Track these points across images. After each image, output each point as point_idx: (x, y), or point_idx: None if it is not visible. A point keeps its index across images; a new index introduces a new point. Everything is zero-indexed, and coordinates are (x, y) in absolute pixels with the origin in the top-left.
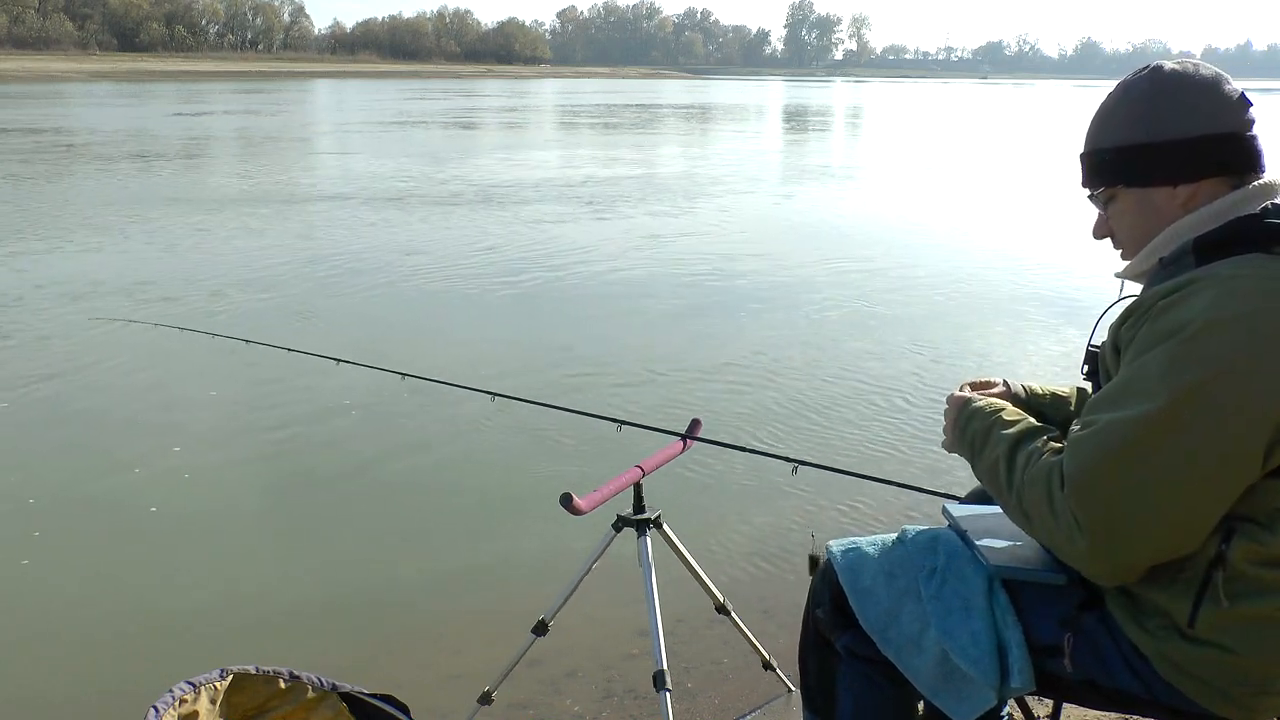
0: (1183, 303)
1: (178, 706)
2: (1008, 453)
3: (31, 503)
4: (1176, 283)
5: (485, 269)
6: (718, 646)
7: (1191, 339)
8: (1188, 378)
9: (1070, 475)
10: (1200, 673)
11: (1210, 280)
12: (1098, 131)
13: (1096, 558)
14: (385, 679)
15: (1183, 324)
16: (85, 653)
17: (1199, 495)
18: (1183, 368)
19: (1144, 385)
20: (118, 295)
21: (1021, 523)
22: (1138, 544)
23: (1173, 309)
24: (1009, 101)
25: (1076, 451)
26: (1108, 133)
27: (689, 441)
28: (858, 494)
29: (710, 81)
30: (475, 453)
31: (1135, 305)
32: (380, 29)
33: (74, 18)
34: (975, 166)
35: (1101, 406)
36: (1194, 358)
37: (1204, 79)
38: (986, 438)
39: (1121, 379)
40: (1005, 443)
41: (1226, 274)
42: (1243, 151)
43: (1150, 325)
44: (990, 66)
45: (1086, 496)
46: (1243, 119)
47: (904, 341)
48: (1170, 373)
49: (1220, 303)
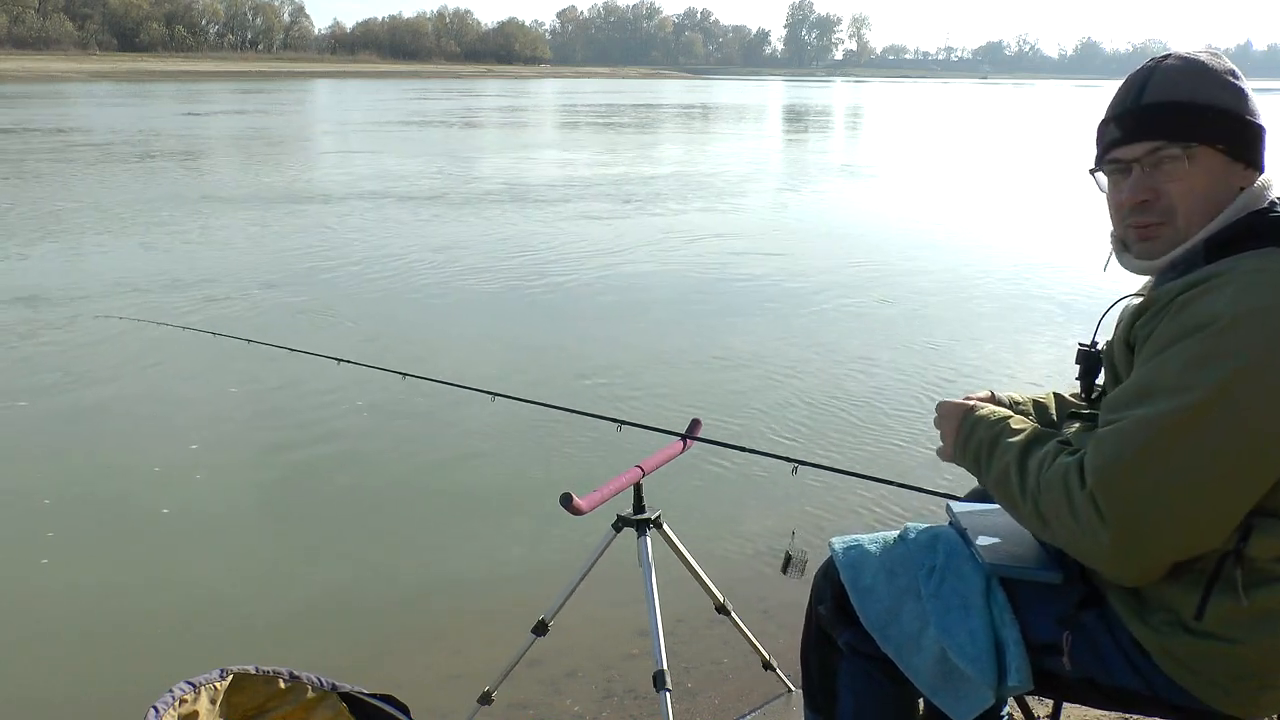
0: (1206, 296)
1: (178, 706)
2: (1018, 459)
3: (31, 503)
4: (1198, 275)
5: (486, 269)
6: (718, 646)
7: (1219, 334)
8: (1216, 374)
9: (1094, 471)
10: (1203, 667)
11: (1234, 274)
12: (1182, 85)
13: (1120, 556)
14: (385, 679)
15: (1209, 319)
16: (85, 653)
17: (1225, 492)
18: (1210, 363)
19: (1170, 381)
20: (118, 294)
21: (1037, 528)
22: (1162, 542)
23: (1195, 303)
24: (1009, 101)
25: (1100, 448)
26: (1203, 90)
27: (689, 441)
28: (858, 494)
29: (710, 81)
30: (476, 453)
31: (1150, 301)
32: (380, 29)
33: (74, 18)
34: (977, 166)
35: (1125, 403)
36: (1221, 353)
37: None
38: (994, 446)
39: (1144, 375)
40: (1014, 449)
41: (1251, 267)
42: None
43: (1171, 320)
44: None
45: (1111, 493)
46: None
47: (905, 342)
48: (1197, 368)
49: (1245, 296)
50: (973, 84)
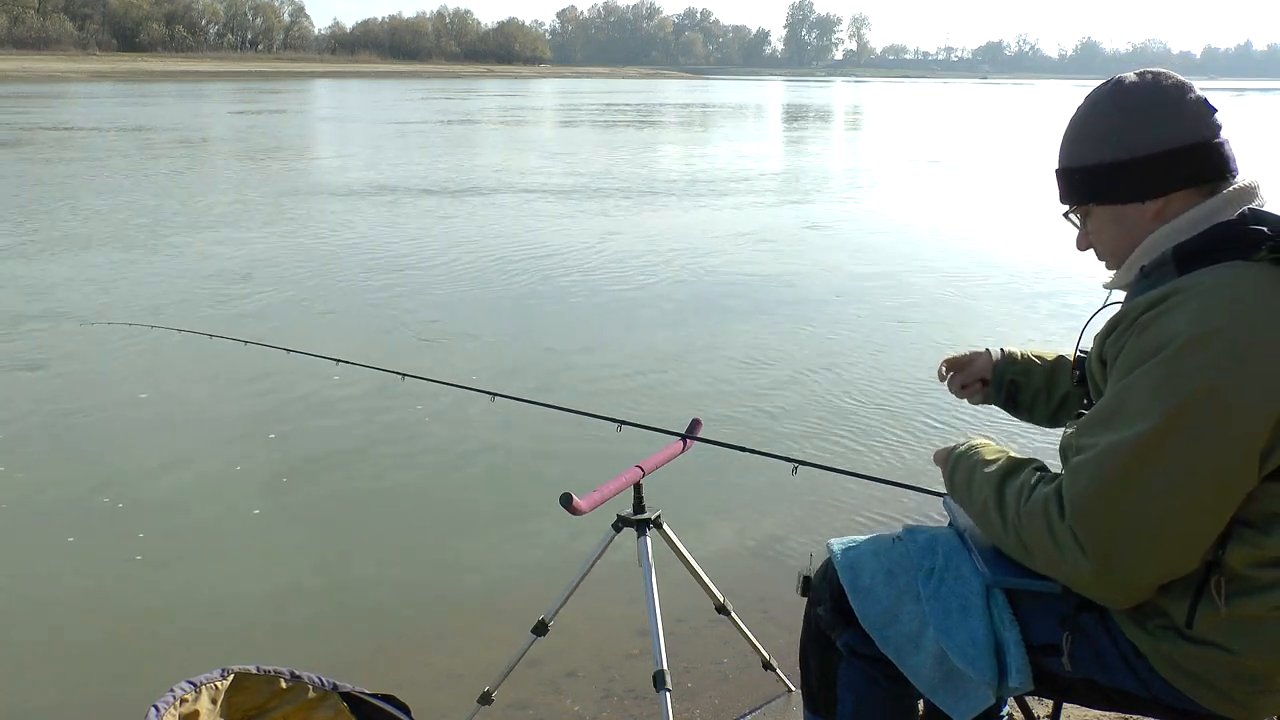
0: (1166, 316)
1: (178, 706)
2: (995, 492)
3: (32, 503)
4: (1159, 293)
5: (486, 268)
6: (718, 646)
7: (1177, 355)
8: (1178, 395)
9: (1071, 502)
10: (1199, 671)
11: (1192, 292)
12: (1068, 150)
13: (1104, 582)
14: (385, 679)
15: (1167, 339)
16: (86, 652)
17: (1201, 510)
18: (1172, 385)
19: (1135, 406)
20: (121, 295)
21: (1022, 556)
22: (1144, 565)
23: (1156, 323)
24: (1010, 101)
25: (1075, 478)
26: (1076, 152)
27: (689, 441)
28: (858, 494)
29: (710, 81)
30: (475, 453)
31: (1119, 317)
32: (380, 29)
33: (74, 18)
34: (977, 166)
35: (1095, 429)
36: (1182, 374)
37: (1166, 90)
38: (970, 482)
39: (1112, 399)
40: (990, 483)
41: (1209, 284)
42: (1211, 159)
43: (1135, 341)
44: (990, 66)
45: (1089, 522)
46: (1208, 126)
47: (906, 342)
48: (1160, 391)
49: (1203, 316)
50: (973, 84)
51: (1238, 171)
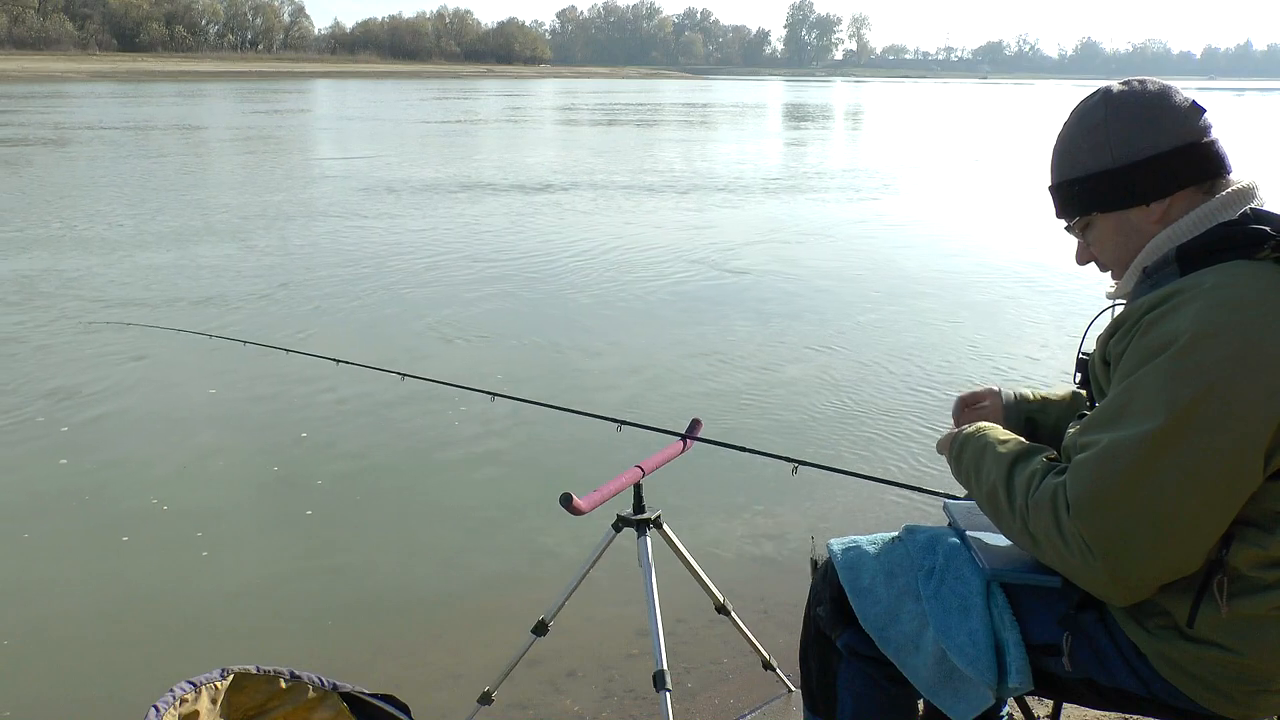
0: (1169, 316)
1: (178, 706)
2: (1005, 476)
3: (30, 503)
4: (1162, 294)
5: (486, 268)
6: (718, 646)
7: (1181, 354)
8: (1183, 394)
9: (1075, 499)
10: (1200, 671)
11: (1195, 291)
12: (1063, 163)
13: (1109, 579)
14: (385, 679)
15: (1171, 339)
16: (85, 652)
17: (1205, 509)
18: (1177, 384)
19: (1140, 404)
20: (120, 295)
21: (1028, 545)
22: (1149, 563)
23: (1160, 323)
24: (1011, 101)
25: (1079, 475)
26: (1073, 164)
27: (689, 441)
28: (858, 494)
29: (710, 82)
30: (475, 453)
31: (1123, 318)
32: (380, 29)
33: (74, 18)
34: (976, 166)
35: (1100, 426)
36: (1186, 373)
37: (1154, 95)
38: (979, 465)
39: (1117, 397)
40: (1000, 466)
41: (1210, 284)
42: (1205, 158)
43: (1139, 340)
44: (990, 66)
45: (1093, 520)
46: (1198, 127)
47: (906, 342)
48: (1165, 390)
49: (1206, 315)
50: (973, 84)
51: (1231, 169)
